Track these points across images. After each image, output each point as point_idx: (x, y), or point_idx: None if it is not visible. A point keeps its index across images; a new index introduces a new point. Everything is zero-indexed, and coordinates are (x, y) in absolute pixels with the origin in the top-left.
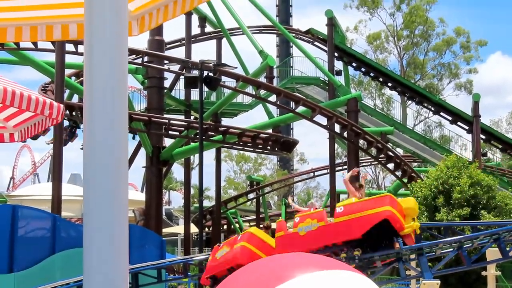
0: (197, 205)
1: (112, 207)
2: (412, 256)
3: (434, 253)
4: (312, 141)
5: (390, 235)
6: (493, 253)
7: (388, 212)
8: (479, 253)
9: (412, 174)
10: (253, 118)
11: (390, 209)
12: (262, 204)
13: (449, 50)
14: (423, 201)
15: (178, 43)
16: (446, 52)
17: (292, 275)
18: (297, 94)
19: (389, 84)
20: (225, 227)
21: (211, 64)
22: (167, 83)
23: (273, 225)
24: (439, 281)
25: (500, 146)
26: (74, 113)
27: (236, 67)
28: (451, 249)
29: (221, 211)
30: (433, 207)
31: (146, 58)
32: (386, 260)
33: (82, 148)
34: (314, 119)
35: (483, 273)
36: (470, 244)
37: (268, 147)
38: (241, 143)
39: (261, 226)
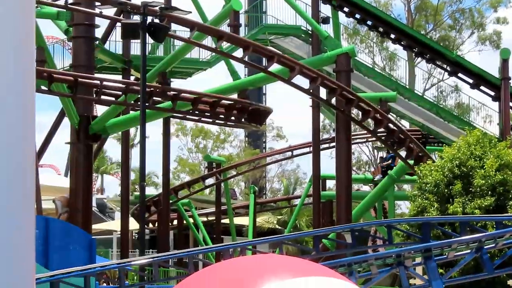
0: (138, 193)
1: (11, 196)
2: (418, 260)
3: (446, 256)
4: (290, 110)
5: None
6: None
7: None
8: (504, 256)
9: (420, 153)
10: (213, 79)
11: None
12: (225, 193)
13: None
14: (433, 189)
15: None
16: None
17: (259, 284)
18: (271, 48)
19: (392, 36)
20: (175, 222)
21: (157, 8)
22: (99, 33)
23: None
24: None
25: None
26: None
27: (191, 12)
28: (469, 251)
29: (170, 201)
30: (446, 196)
31: None
32: None
33: None
34: (293, 81)
35: (510, 282)
36: (493, 245)
37: (233, 118)
38: (196, 112)
39: None
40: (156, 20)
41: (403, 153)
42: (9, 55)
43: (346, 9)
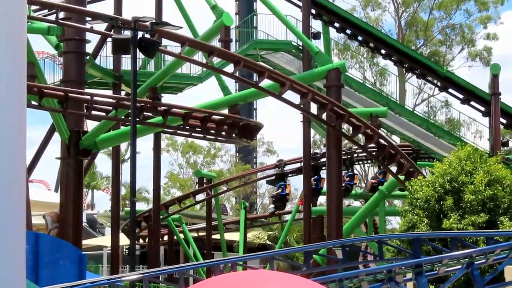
0: (129, 209)
1: (1, 212)
2: (409, 275)
3: (437, 272)
4: (281, 126)
5: None
6: None
7: None
8: (495, 272)
9: (411, 169)
10: (203, 94)
11: None
12: (215, 208)
13: (461, 6)
14: (424, 204)
15: None
16: (456, 10)
17: None
18: (262, 63)
19: (383, 52)
20: (165, 238)
21: (148, 23)
22: (89, 48)
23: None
24: None
25: None
26: None
27: (182, 27)
28: (459, 266)
29: (161, 217)
30: (438, 212)
31: (62, 14)
32: None
33: None
34: (283, 96)
35: None
36: (484, 260)
37: (223, 133)
38: (187, 127)
39: None
40: (147, 35)
41: (394, 169)
42: (0, 70)
43: (337, 25)
